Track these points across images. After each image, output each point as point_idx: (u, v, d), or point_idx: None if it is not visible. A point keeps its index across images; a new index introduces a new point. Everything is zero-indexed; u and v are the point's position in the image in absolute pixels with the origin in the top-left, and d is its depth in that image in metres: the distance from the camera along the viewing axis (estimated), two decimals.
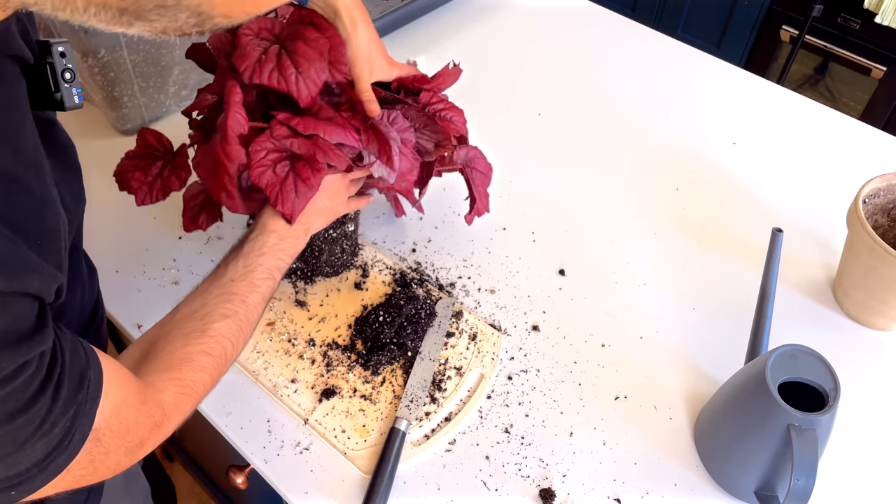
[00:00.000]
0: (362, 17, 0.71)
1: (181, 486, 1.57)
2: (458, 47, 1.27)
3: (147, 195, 0.72)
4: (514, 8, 1.37)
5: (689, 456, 0.74)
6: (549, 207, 0.99)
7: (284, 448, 0.73)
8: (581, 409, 0.77)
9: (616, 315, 0.86)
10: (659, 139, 1.10)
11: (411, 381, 0.76)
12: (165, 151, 0.73)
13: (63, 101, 0.50)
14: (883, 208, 0.86)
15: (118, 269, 0.87)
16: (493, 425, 0.75)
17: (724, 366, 0.79)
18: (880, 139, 1.13)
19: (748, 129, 1.13)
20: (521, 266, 0.91)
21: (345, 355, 0.79)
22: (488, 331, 0.82)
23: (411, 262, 0.90)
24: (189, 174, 0.72)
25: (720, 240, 0.96)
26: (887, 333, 0.86)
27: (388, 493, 0.69)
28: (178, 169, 0.72)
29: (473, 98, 1.16)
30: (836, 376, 0.64)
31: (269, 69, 0.65)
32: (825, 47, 1.98)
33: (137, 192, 0.72)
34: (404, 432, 0.72)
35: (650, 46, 1.30)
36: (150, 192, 0.72)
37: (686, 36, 2.26)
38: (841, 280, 0.87)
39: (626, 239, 0.95)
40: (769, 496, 0.68)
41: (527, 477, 0.71)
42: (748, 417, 0.66)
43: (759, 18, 2.08)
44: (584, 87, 1.20)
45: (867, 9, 1.84)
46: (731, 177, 1.05)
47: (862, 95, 2.00)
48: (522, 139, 1.09)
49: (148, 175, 0.72)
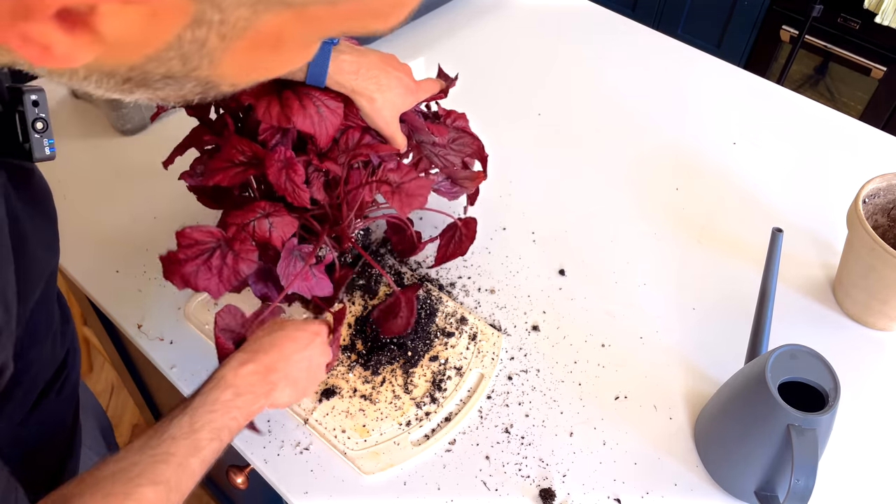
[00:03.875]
0: (377, 83, 0.71)
1: None
2: (458, 47, 1.27)
3: (221, 284, 0.66)
4: (514, 8, 1.37)
5: (689, 456, 0.74)
6: (549, 207, 0.99)
7: (284, 448, 0.73)
8: (581, 409, 0.77)
9: (616, 315, 0.86)
10: (659, 139, 1.10)
11: None
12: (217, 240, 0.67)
13: (32, 151, 0.47)
14: (883, 208, 0.86)
15: (118, 270, 0.87)
16: (493, 425, 0.75)
17: (724, 366, 0.79)
18: (880, 139, 1.13)
19: (748, 129, 1.13)
20: (521, 266, 0.91)
21: (345, 355, 0.79)
22: (488, 331, 0.82)
23: (411, 262, 0.90)
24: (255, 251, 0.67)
25: (720, 240, 0.96)
26: (887, 333, 0.86)
27: None
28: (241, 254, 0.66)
29: (473, 98, 1.16)
30: (836, 376, 0.64)
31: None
32: (825, 47, 1.98)
33: (210, 289, 0.66)
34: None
35: (650, 46, 1.30)
36: (222, 283, 0.66)
37: (686, 36, 2.26)
38: (841, 280, 0.87)
39: (626, 239, 0.95)
40: (769, 496, 0.68)
41: (527, 477, 0.71)
42: (748, 417, 0.66)
43: (759, 18, 2.08)
44: (584, 87, 1.20)
45: (867, 9, 1.84)
46: (731, 177, 1.05)
47: (862, 95, 2.00)
48: (522, 139, 1.09)
49: (211, 269, 0.66)
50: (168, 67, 0.27)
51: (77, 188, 0.96)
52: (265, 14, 0.25)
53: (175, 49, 0.26)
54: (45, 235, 0.53)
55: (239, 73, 0.29)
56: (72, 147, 1.02)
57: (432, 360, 0.79)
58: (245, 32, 0.26)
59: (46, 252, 0.53)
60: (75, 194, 0.95)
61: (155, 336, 0.81)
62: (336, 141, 0.71)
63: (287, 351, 0.64)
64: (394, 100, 0.73)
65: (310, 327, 0.67)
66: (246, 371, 0.61)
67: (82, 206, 0.94)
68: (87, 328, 1.47)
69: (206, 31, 0.25)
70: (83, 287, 0.86)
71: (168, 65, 0.27)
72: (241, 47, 0.27)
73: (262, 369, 0.62)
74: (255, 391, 0.61)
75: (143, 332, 0.81)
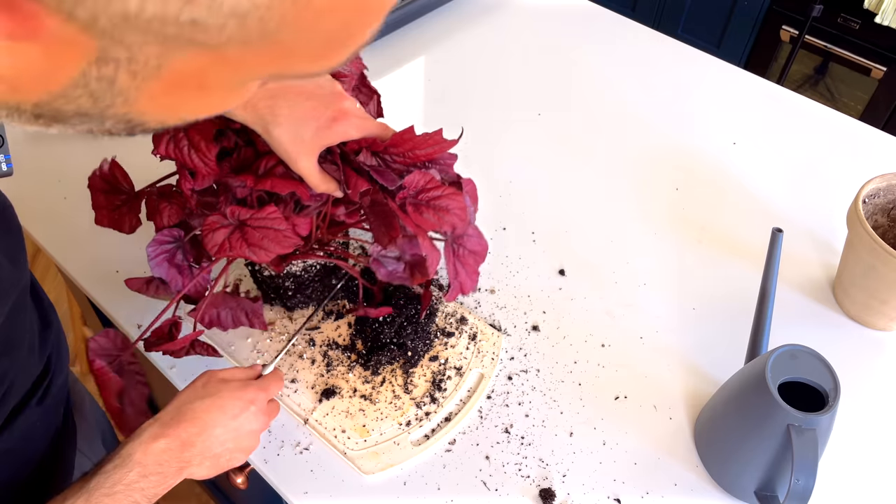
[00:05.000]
0: (273, 114, 0.61)
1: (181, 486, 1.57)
2: (458, 47, 1.27)
3: (104, 219, 0.70)
4: (514, 8, 1.37)
5: (689, 456, 0.74)
6: (549, 207, 0.99)
7: (284, 448, 0.73)
8: (581, 409, 0.77)
9: (616, 315, 0.86)
10: (659, 139, 1.10)
11: None
12: (129, 191, 0.71)
13: None
14: (883, 208, 0.86)
15: (118, 270, 0.87)
16: (493, 425, 0.75)
17: (724, 366, 0.79)
18: (880, 139, 1.13)
19: (748, 129, 1.13)
20: (521, 266, 0.91)
21: (345, 355, 0.79)
22: (488, 331, 0.82)
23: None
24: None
25: (720, 240, 0.96)
26: (887, 333, 0.86)
27: None
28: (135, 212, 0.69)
29: (473, 98, 1.17)
30: (836, 376, 0.64)
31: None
32: (825, 47, 1.98)
33: (98, 212, 0.70)
34: None
35: (650, 46, 1.30)
36: (109, 219, 0.70)
37: (686, 36, 2.26)
38: (841, 280, 0.87)
39: (626, 239, 0.95)
40: (769, 496, 0.68)
41: (527, 477, 0.71)
42: (748, 417, 0.66)
43: (759, 18, 2.08)
44: (584, 87, 1.20)
45: (867, 9, 1.84)
46: (730, 177, 1.05)
47: (862, 95, 2.00)
48: (522, 139, 1.09)
49: (111, 203, 0.69)
50: (78, 105, 0.26)
51: (77, 188, 0.96)
52: (178, 53, 0.24)
53: (81, 87, 0.25)
54: (6, 249, 0.51)
55: (163, 112, 0.28)
56: (72, 147, 1.02)
57: (432, 360, 0.79)
58: (159, 72, 0.25)
59: (11, 266, 0.52)
60: (75, 194, 0.95)
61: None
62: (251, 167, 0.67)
63: (210, 423, 0.59)
64: (300, 133, 0.61)
65: (245, 394, 0.62)
66: (157, 448, 0.56)
67: (82, 206, 0.94)
68: (87, 328, 1.47)
69: (114, 69, 0.24)
70: (83, 287, 0.86)
71: (77, 102, 0.25)
72: (159, 87, 0.26)
73: (176, 446, 0.57)
74: (165, 471, 0.56)
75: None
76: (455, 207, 0.65)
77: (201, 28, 0.22)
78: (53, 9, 0.21)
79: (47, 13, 0.21)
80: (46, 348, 0.63)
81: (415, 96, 1.16)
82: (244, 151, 0.67)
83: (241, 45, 0.24)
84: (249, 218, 0.63)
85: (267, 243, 0.62)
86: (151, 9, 0.21)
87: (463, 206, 0.66)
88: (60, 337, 0.68)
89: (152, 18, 0.21)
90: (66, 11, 0.21)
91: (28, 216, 0.94)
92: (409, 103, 1.15)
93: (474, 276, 0.72)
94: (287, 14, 0.23)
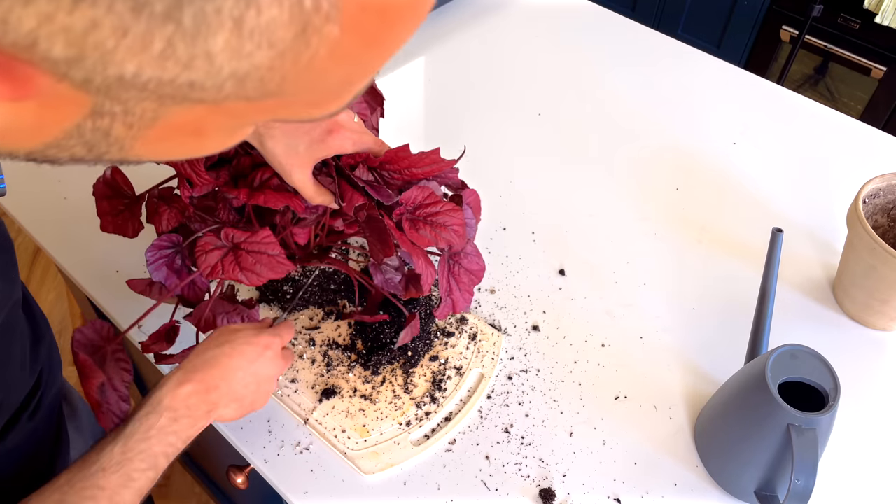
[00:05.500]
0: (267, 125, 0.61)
1: (181, 486, 1.57)
2: (458, 47, 1.27)
3: (109, 225, 0.70)
4: (514, 8, 1.37)
5: (689, 456, 0.74)
6: (549, 207, 0.99)
7: (284, 448, 0.73)
8: (581, 409, 0.77)
9: (616, 315, 0.86)
10: (659, 139, 1.10)
11: None
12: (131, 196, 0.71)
13: None
14: (883, 208, 0.86)
15: (118, 270, 0.87)
16: (493, 425, 0.75)
17: (724, 366, 0.79)
18: (880, 139, 1.13)
19: (748, 129, 1.13)
20: (521, 266, 0.91)
21: (345, 355, 0.79)
22: (488, 331, 0.82)
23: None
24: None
25: (720, 240, 0.96)
26: (887, 333, 0.86)
27: None
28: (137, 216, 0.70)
29: (473, 98, 1.17)
30: (836, 376, 0.64)
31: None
32: (825, 47, 1.98)
33: (102, 219, 0.70)
34: None
35: (650, 46, 1.30)
36: (113, 224, 0.70)
37: (686, 36, 2.26)
38: (841, 280, 0.87)
39: (626, 239, 0.95)
40: (769, 496, 0.68)
41: (527, 477, 0.71)
42: (748, 417, 0.66)
43: (759, 18, 2.08)
44: (584, 87, 1.20)
45: (867, 9, 1.84)
46: (731, 177, 1.05)
47: (862, 95, 2.00)
48: (522, 139, 1.09)
49: (114, 208, 0.70)
50: (72, 153, 0.26)
51: (77, 188, 0.96)
52: (174, 107, 0.24)
53: (76, 137, 0.24)
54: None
55: (158, 154, 0.28)
56: None
57: (432, 359, 0.79)
58: (155, 123, 0.24)
59: (3, 282, 0.52)
60: (75, 194, 0.96)
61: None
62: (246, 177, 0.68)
63: (231, 367, 0.61)
64: (294, 146, 0.61)
65: (260, 340, 0.64)
66: (184, 392, 0.57)
67: (82, 206, 0.94)
68: None
69: (110, 122, 0.24)
70: (83, 287, 0.86)
71: (71, 151, 0.25)
72: (154, 136, 0.25)
73: (201, 389, 0.59)
74: (194, 413, 0.58)
75: (144, 332, 0.81)
76: (453, 224, 0.65)
77: (199, 88, 0.22)
78: (48, 70, 0.20)
79: (41, 73, 0.20)
80: (38, 363, 0.63)
81: (415, 96, 1.16)
82: (242, 160, 0.67)
83: (240, 100, 0.23)
84: (244, 241, 0.63)
85: (259, 268, 0.62)
86: (148, 73, 0.21)
87: (461, 223, 0.66)
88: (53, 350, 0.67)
89: (148, 81, 0.21)
90: (60, 73, 0.20)
91: (28, 216, 0.94)
92: (410, 103, 1.15)
93: (468, 295, 0.72)
94: (288, 74, 0.22)
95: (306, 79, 0.23)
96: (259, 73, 0.22)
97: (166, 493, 1.56)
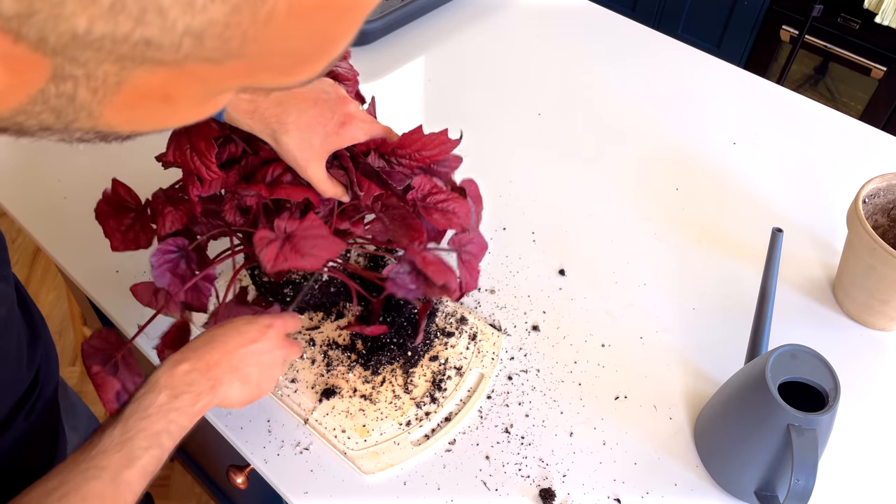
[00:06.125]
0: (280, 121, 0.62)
1: (181, 486, 1.57)
2: (458, 47, 1.27)
3: (119, 244, 0.70)
4: (514, 8, 1.37)
5: (689, 456, 0.74)
6: (549, 207, 0.99)
7: (284, 448, 0.73)
8: (581, 409, 0.77)
9: (616, 315, 0.86)
10: (659, 139, 1.10)
11: None
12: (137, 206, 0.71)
13: None
14: (883, 208, 0.86)
15: (118, 269, 0.87)
16: (493, 425, 0.75)
17: (724, 366, 0.79)
18: (880, 139, 1.13)
19: (748, 129, 1.13)
20: (521, 266, 0.91)
21: (345, 355, 0.79)
22: (488, 331, 0.82)
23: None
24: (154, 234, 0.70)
25: (720, 240, 0.96)
26: (887, 333, 0.86)
27: None
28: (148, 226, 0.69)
29: (473, 98, 1.17)
30: (836, 376, 0.64)
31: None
32: (825, 47, 1.98)
33: (111, 239, 0.70)
34: None
35: (650, 46, 1.30)
36: (124, 242, 0.70)
37: (686, 36, 2.26)
38: (841, 280, 0.87)
39: (626, 239, 0.95)
40: (769, 496, 0.68)
41: (527, 477, 0.71)
42: (748, 417, 0.66)
43: (759, 18, 2.08)
44: (584, 87, 1.20)
45: (867, 9, 1.84)
46: (731, 177, 1.05)
47: (862, 95, 2.00)
48: (522, 139, 1.09)
49: (121, 224, 0.69)
50: (40, 120, 0.25)
51: (77, 188, 0.96)
52: (137, 70, 0.23)
53: (41, 103, 0.24)
54: None
55: (131, 124, 0.27)
56: (72, 147, 1.02)
57: (432, 359, 0.79)
58: (120, 87, 0.24)
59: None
60: (75, 194, 0.96)
61: (155, 336, 0.81)
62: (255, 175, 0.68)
63: (230, 345, 0.60)
64: (308, 139, 0.62)
65: (261, 320, 0.63)
66: (181, 370, 0.57)
67: (82, 206, 0.94)
68: (86, 328, 1.47)
69: (73, 86, 0.24)
70: (83, 287, 0.86)
71: (39, 118, 0.25)
72: (122, 101, 0.25)
73: (201, 366, 0.58)
74: (195, 389, 0.57)
75: (144, 333, 0.81)
76: (461, 211, 0.68)
77: (155, 46, 0.22)
78: (1, 29, 0.20)
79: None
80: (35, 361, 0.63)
81: (415, 96, 1.16)
82: (251, 160, 0.67)
83: (202, 61, 0.23)
84: (296, 229, 0.63)
85: (318, 251, 0.63)
86: (101, 28, 0.20)
87: (468, 211, 0.68)
88: (50, 349, 0.67)
89: (103, 38, 0.21)
90: (14, 31, 0.20)
91: (28, 216, 0.94)
92: (410, 103, 1.15)
93: (475, 273, 0.73)
94: (248, 32, 0.22)
95: (269, 38, 0.23)
96: (216, 29, 0.22)
97: (166, 493, 1.56)
